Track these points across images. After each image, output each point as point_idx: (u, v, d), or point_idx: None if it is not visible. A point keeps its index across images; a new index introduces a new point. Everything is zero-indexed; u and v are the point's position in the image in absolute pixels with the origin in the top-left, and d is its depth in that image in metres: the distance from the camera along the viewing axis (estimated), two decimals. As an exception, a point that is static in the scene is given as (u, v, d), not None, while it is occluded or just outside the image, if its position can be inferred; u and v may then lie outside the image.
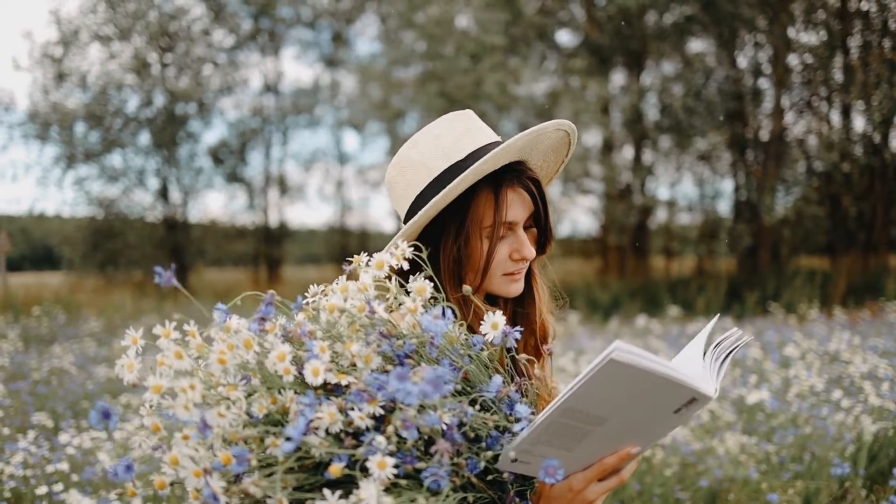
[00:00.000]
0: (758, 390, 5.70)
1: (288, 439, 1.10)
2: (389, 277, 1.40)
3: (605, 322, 12.65)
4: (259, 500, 1.16)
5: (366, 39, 41.69)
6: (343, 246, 25.94)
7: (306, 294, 1.39)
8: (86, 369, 7.85)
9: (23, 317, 12.89)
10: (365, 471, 1.12)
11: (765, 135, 19.30)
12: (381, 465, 1.07)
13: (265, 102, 24.46)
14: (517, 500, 1.31)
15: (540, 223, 1.71)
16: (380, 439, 1.09)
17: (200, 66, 22.45)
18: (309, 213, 53.11)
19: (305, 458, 1.16)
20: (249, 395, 1.23)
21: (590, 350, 7.92)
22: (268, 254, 24.32)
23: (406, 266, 1.40)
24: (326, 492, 1.07)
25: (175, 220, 22.33)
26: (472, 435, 1.22)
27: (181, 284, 1.28)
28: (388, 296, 1.38)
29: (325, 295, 1.36)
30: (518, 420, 1.25)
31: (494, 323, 1.31)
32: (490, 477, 1.26)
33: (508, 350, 1.38)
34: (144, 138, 22.04)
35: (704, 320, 11.47)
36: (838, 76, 18.11)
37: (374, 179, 25.67)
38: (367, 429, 1.15)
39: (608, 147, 20.04)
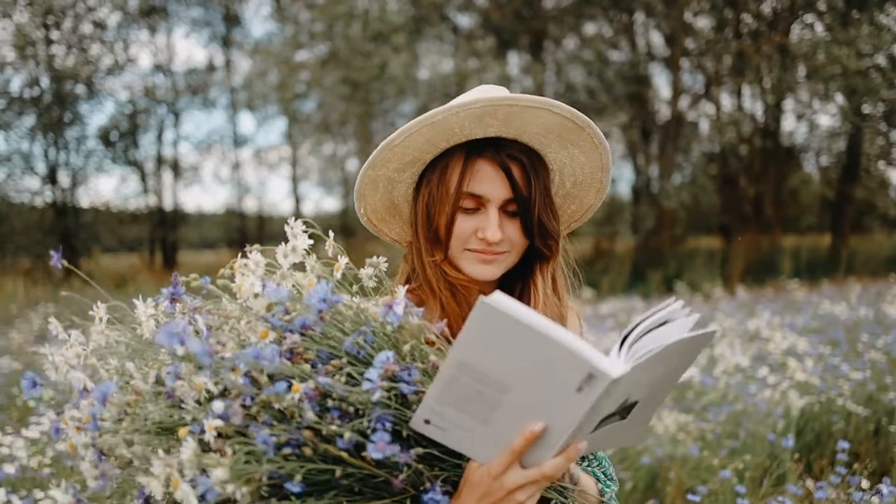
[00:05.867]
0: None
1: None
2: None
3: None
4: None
5: (260, 18, 40.95)
6: (241, 230, 25.46)
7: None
8: (-16, 362, 7.44)
9: None
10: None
11: (662, 118, 19.69)
12: (209, 427, 1.12)
13: (156, 83, 23.72)
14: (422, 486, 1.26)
15: (522, 211, 1.59)
16: (217, 405, 1.11)
17: (88, 44, 21.60)
18: (205, 196, 52.00)
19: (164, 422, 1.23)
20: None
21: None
22: (163, 238, 23.68)
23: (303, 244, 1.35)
24: (160, 454, 1.16)
25: (64, 204, 21.50)
26: (350, 410, 1.18)
27: (71, 271, 1.36)
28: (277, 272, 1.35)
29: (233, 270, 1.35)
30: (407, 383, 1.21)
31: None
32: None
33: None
34: (30, 120, 21.13)
35: (614, 300, 11.62)
36: (731, 61, 18.57)
37: (271, 161, 25.22)
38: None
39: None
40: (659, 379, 1.24)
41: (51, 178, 21.39)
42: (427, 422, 1.18)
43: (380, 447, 1.14)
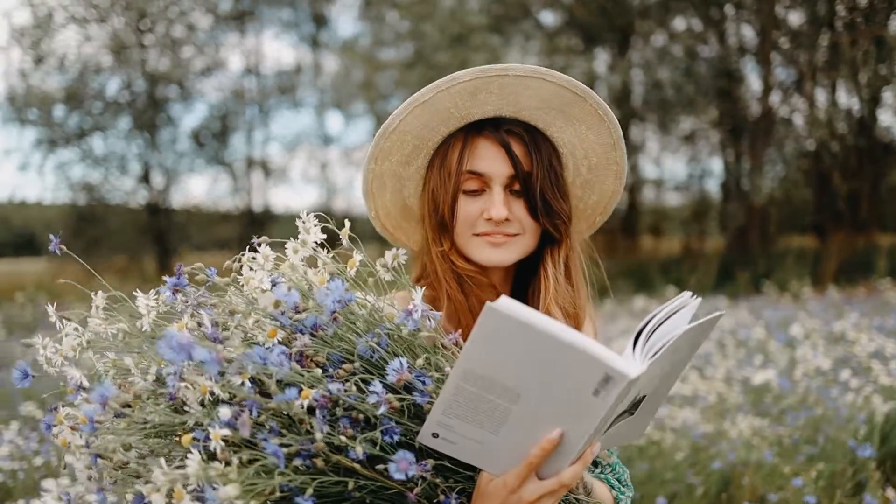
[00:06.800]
0: (763, 370, 5.61)
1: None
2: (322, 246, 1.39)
3: (600, 303, 12.51)
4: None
5: (347, 19, 41.35)
6: (329, 229, 25.71)
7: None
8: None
9: (5, 304, 12.68)
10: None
11: (753, 114, 19.24)
12: (216, 437, 1.04)
13: (246, 84, 24.10)
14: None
15: (525, 188, 1.54)
16: (224, 411, 1.05)
17: (180, 47, 22.10)
18: (293, 196, 52.89)
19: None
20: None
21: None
22: (253, 238, 23.96)
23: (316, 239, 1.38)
24: (162, 463, 1.06)
25: (157, 205, 22.05)
26: (361, 418, 1.14)
27: (164, 270, 1.29)
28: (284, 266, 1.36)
29: (240, 263, 1.36)
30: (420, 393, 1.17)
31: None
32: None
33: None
34: (125, 122, 21.71)
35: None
36: (824, 55, 18.06)
37: (358, 160, 25.37)
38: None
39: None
40: (667, 370, 1.22)
41: (145, 178, 21.96)
42: (435, 435, 1.15)
43: (402, 467, 1.09)
